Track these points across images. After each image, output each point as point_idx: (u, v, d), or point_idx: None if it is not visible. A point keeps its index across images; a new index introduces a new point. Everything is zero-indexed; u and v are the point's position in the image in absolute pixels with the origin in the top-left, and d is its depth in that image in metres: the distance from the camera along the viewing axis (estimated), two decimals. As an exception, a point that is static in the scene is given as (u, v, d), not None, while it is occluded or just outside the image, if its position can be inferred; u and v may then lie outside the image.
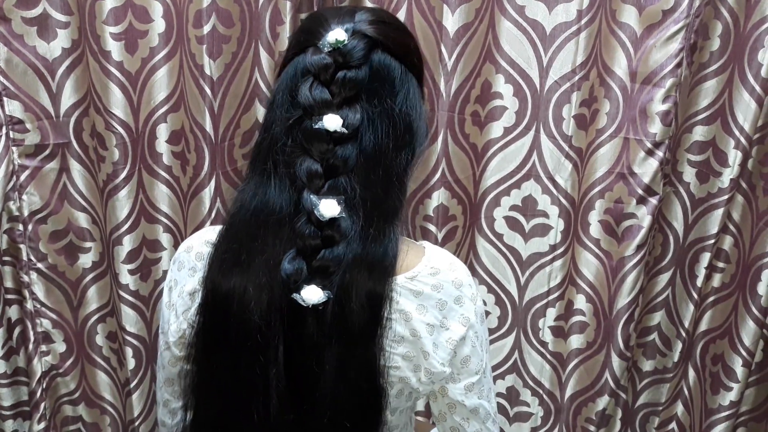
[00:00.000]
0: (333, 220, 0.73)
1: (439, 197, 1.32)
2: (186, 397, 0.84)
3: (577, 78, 1.25)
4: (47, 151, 1.21)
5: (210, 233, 0.83)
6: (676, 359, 1.42)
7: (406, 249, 0.80)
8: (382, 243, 0.76)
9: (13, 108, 1.16)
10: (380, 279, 0.75)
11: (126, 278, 1.28)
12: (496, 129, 1.31)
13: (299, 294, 0.73)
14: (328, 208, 0.72)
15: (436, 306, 0.80)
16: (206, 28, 1.13)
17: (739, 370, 1.31)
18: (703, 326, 1.39)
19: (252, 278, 0.75)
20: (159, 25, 1.16)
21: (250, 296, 0.75)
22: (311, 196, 0.73)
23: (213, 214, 1.24)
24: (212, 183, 1.22)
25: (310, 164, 0.74)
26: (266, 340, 0.75)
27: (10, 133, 1.16)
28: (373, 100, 0.75)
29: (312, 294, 0.73)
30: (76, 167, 1.24)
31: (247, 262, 0.75)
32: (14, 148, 1.18)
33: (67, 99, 1.20)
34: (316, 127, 0.73)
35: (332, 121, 0.73)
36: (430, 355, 0.80)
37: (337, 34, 0.73)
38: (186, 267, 0.84)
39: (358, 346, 0.76)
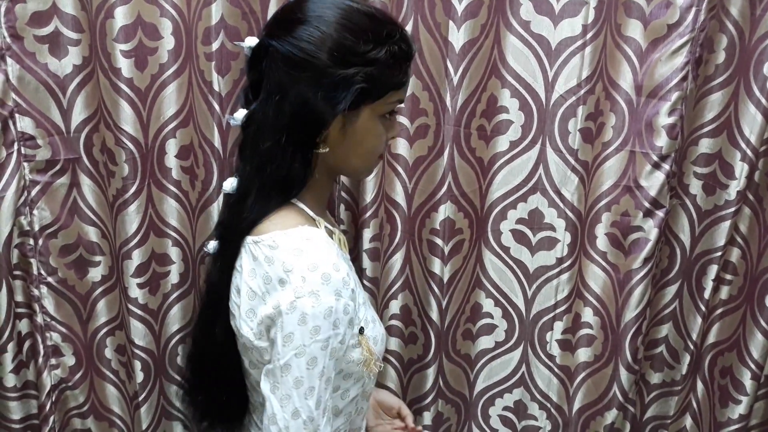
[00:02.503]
0: (230, 193, 0.98)
1: (445, 211, 1.32)
2: None
3: (582, 92, 1.25)
4: (58, 167, 1.22)
5: None
6: (684, 372, 1.41)
7: (277, 220, 0.93)
8: (249, 209, 0.94)
9: (25, 124, 1.17)
10: (235, 236, 0.95)
11: (135, 292, 1.29)
12: (502, 143, 1.32)
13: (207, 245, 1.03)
14: (226, 184, 0.98)
15: (263, 277, 0.89)
16: (215, 45, 1.14)
17: (747, 383, 1.31)
18: (711, 338, 1.39)
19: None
20: (168, 42, 1.17)
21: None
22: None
23: (221, 229, 1.25)
24: (221, 197, 1.23)
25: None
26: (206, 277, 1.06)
27: (22, 149, 1.18)
28: (260, 95, 0.92)
29: (211, 246, 1.01)
30: (86, 182, 1.25)
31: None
32: (26, 164, 1.19)
33: (78, 115, 1.21)
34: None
35: (237, 115, 0.95)
36: (238, 317, 0.92)
37: (247, 41, 0.94)
38: None
39: (216, 291, 0.98)
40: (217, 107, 1.17)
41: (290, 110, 0.89)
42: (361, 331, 0.94)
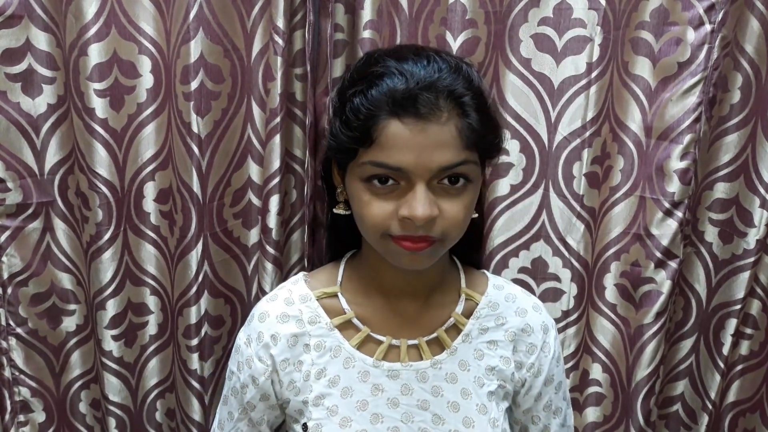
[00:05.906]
0: None
1: (442, 259, 1.24)
2: None
3: (588, 134, 1.17)
4: (30, 211, 1.16)
5: None
6: (702, 433, 1.32)
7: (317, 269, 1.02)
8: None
9: (-6, 167, 1.11)
10: None
11: (109, 344, 1.21)
12: (502, 186, 1.24)
13: None
14: None
15: None
16: (193, 85, 1.08)
17: (773, 449, 1.21)
18: (731, 397, 1.31)
19: None
20: (147, 81, 1.11)
21: None
22: None
23: (200, 278, 1.17)
24: (199, 245, 1.15)
25: None
26: None
27: (-10, 193, 1.12)
28: None
29: None
30: (60, 226, 1.19)
31: None
32: (-7, 209, 1.13)
33: (53, 156, 1.15)
34: None
35: None
36: None
37: None
38: None
39: None
40: (195, 150, 1.10)
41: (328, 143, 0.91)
42: (305, 428, 0.84)
